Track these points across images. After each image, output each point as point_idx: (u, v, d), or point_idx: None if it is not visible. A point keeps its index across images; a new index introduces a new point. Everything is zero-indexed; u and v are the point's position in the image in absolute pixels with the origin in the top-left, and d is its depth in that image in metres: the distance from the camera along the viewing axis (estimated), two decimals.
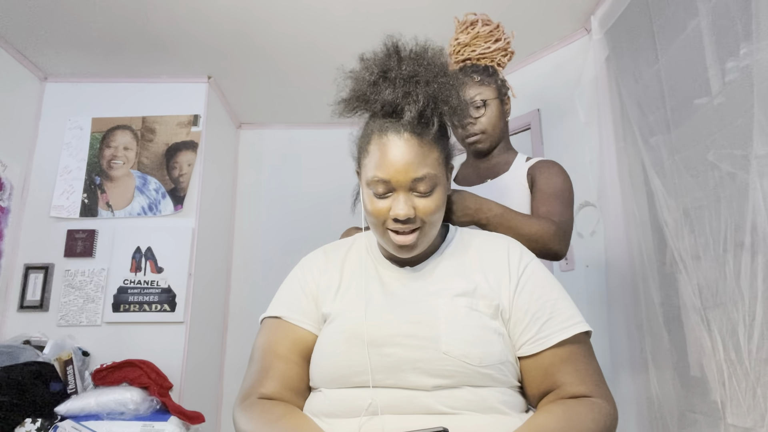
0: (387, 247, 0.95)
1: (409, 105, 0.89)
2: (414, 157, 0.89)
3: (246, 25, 2.53)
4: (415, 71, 0.91)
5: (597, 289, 2.30)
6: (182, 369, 2.55)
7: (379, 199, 0.92)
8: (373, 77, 0.92)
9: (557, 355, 0.88)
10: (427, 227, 0.92)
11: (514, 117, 2.85)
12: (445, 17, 2.52)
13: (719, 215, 1.49)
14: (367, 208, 0.94)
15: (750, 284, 1.34)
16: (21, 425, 1.94)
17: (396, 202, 0.90)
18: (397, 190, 0.90)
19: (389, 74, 0.91)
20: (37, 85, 2.85)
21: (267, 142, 3.52)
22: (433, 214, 0.92)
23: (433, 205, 0.91)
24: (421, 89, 0.89)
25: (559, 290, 0.95)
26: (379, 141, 0.91)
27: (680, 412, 1.69)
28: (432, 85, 0.90)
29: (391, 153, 0.89)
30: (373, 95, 0.92)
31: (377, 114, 0.94)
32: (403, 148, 0.89)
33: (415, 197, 0.91)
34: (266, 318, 1.00)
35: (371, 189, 0.92)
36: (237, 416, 0.88)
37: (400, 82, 0.90)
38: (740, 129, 1.39)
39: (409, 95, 0.89)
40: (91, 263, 2.65)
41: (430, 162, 0.90)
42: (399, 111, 0.90)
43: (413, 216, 0.90)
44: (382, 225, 0.92)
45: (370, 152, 0.93)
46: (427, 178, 0.90)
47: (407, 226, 0.90)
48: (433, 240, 0.98)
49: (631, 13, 2.09)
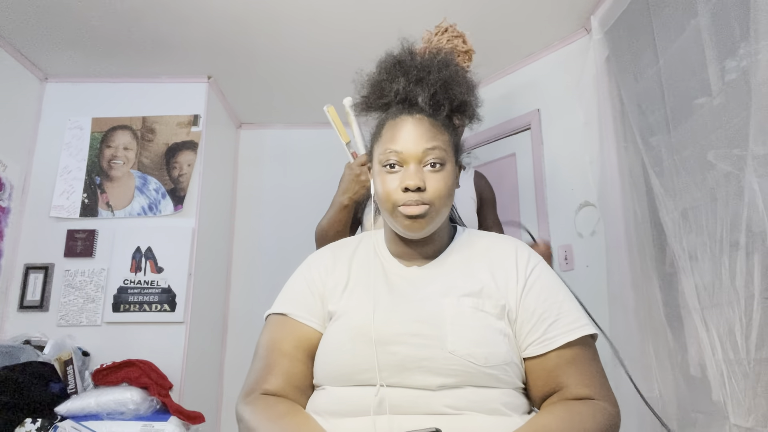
0: (397, 225, 0.95)
1: (422, 88, 0.96)
2: (426, 131, 0.94)
3: (246, 25, 2.53)
4: (429, 62, 0.98)
5: (597, 288, 2.30)
6: (182, 369, 2.55)
7: (390, 174, 0.94)
8: (388, 69, 1.00)
9: (562, 357, 0.88)
10: (436, 204, 0.93)
11: (514, 117, 2.86)
12: (444, 17, 2.52)
13: (716, 215, 1.50)
14: (378, 189, 0.97)
15: (746, 284, 1.34)
16: (21, 425, 1.94)
17: (406, 173, 0.93)
18: (408, 162, 0.93)
19: (403, 65, 0.99)
20: (37, 85, 2.85)
21: (267, 142, 3.52)
22: (443, 193, 0.93)
23: (443, 183, 0.93)
24: (434, 75, 0.96)
25: (565, 292, 0.95)
26: (391, 123, 0.97)
27: (683, 411, 1.69)
28: (443, 72, 0.97)
29: (404, 128, 0.95)
30: (388, 84, 0.99)
31: (391, 104, 0.99)
32: (415, 124, 0.95)
33: (426, 171, 0.93)
34: (271, 314, 1.00)
35: (383, 164, 0.95)
36: (240, 411, 0.88)
37: (414, 71, 0.97)
38: (738, 129, 1.39)
39: (422, 80, 0.96)
40: (91, 263, 2.65)
41: (441, 139, 0.95)
42: (412, 98, 0.97)
43: (423, 186, 0.91)
44: (392, 203, 0.93)
45: (382, 135, 0.98)
46: (437, 149, 0.93)
47: (418, 196, 0.91)
48: (441, 228, 0.99)
49: (631, 13, 2.09)
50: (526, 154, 2.81)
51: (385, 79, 0.99)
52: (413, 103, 0.97)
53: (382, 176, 0.95)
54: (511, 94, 2.90)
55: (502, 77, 2.95)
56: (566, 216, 2.54)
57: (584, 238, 2.45)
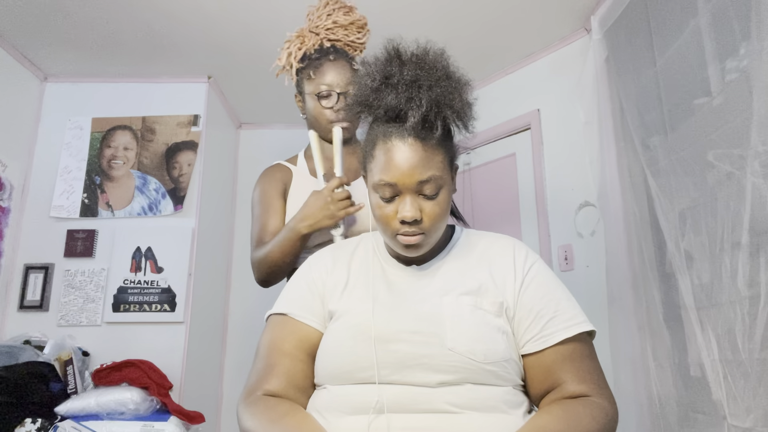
0: (395, 248, 0.96)
1: (413, 110, 0.88)
2: (419, 160, 0.89)
3: (246, 25, 2.53)
4: (417, 75, 0.90)
5: (597, 289, 2.30)
6: (182, 369, 2.55)
7: (386, 203, 0.93)
8: (376, 83, 0.93)
9: (560, 353, 0.89)
10: (432, 231, 0.93)
11: (514, 117, 2.86)
12: (445, 17, 2.52)
13: (716, 215, 1.49)
14: (375, 213, 0.96)
15: (749, 284, 1.34)
16: (21, 425, 1.93)
17: (402, 204, 0.91)
18: (403, 192, 0.91)
19: (391, 80, 0.91)
20: (37, 85, 2.85)
21: (267, 142, 3.52)
22: (439, 219, 0.93)
23: (439, 209, 0.92)
24: (423, 93, 0.89)
25: (563, 290, 0.96)
26: (383, 146, 0.92)
27: (682, 411, 1.70)
28: (435, 90, 0.90)
29: (396, 157, 0.90)
30: (376, 101, 0.92)
31: (381, 118, 0.94)
32: (407, 152, 0.89)
33: (421, 200, 0.92)
34: (272, 315, 1.01)
35: (378, 193, 0.93)
36: (240, 412, 0.89)
37: (403, 87, 0.90)
38: (738, 128, 1.39)
39: (412, 100, 0.89)
40: (91, 263, 2.65)
41: (435, 164, 0.91)
42: (402, 116, 0.90)
43: (420, 218, 0.91)
44: (390, 228, 0.93)
45: (375, 157, 0.94)
46: (432, 180, 0.90)
47: (414, 227, 0.91)
48: (438, 240, 0.99)
49: (630, 13, 2.09)
50: (526, 154, 2.81)
51: (373, 93, 0.93)
52: (404, 120, 0.90)
53: (378, 202, 0.94)
54: (511, 94, 2.90)
55: (502, 77, 2.95)
56: (566, 216, 2.54)
57: (584, 238, 2.45)
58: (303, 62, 1.48)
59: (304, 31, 1.52)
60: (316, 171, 1.45)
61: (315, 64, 1.45)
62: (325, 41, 1.49)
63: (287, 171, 1.51)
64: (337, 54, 1.47)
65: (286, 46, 1.52)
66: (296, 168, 1.52)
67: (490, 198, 2.95)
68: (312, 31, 1.50)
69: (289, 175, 1.50)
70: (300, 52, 1.49)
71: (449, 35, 2.64)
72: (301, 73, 1.49)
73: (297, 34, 1.52)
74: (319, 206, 1.29)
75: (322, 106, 1.44)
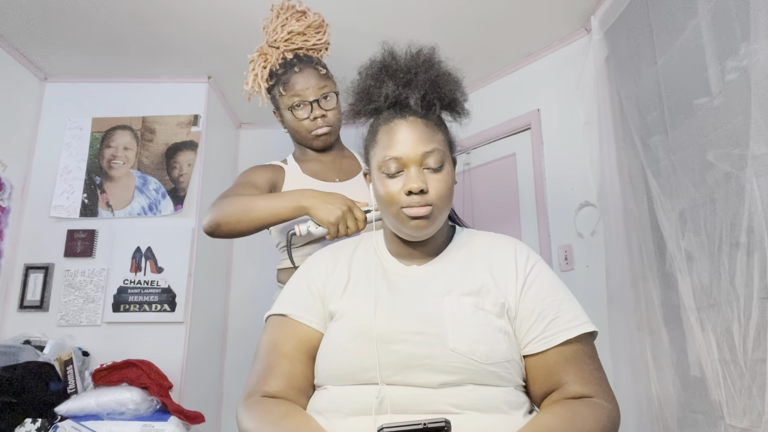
0: (402, 227, 0.96)
1: (412, 91, 0.95)
2: (421, 134, 0.94)
3: (246, 25, 2.53)
4: (414, 63, 0.98)
5: (597, 289, 2.30)
6: (182, 369, 2.55)
7: (391, 179, 0.94)
8: (374, 71, 0.99)
9: (562, 354, 0.89)
10: (439, 205, 0.94)
11: (514, 117, 2.86)
12: (445, 17, 2.52)
13: (715, 215, 1.50)
14: (380, 193, 0.97)
15: (746, 284, 1.34)
16: (21, 425, 1.94)
17: (408, 176, 0.93)
18: (408, 166, 0.93)
19: (389, 69, 0.98)
20: (37, 85, 2.85)
21: (267, 142, 3.51)
22: (444, 192, 0.95)
23: (444, 184, 0.95)
24: (421, 76, 0.96)
25: (564, 291, 0.96)
26: (386, 128, 0.97)
27: (681, 411, 1.70)
28: (431, 72, 0.96)
29: (400, 133, 0.95)
30: (377, 90, 0.98)
31: (382, 109, 0.99)
32: (410, 128, 0.95)
33: (426, 173, 0.94)
34: (272, 316, 1.01)
35: (383, 171, 0.95)
36: (240, 414, 0.89)
37: (401, 74, 0.97)
38: (738, 129, 1.39)
39: (411, 83, 0.96)
40: (91, 263, 2.65)
41: (436, 140, 0.95)
42: (403, 101, 0.96)
43: (426, 188, 0.92)
44: (396, 206, 0.94)
45: (378, 141, 0.98)
46: (436, 151, 0.94)
47: (421, 198, 0.92)
48: (442, 228, 1.00)
49: (630, 13, 2.09)
50: (526, 154, 2.81)
51: (372, 85, 0.99)
52: (404, 106, 0.97)
53: (383, 181, 0.96)
54: (511, 94, 2.90)
55: (502, 77, 2.95)
56: (566, 216, 2.54)
57: (584, 238, 2.45)
58: (271, 79, 1.49)
59: (264, 47, 1.52)
60: (309, 171, 1.48)
61: (282, 79, 1.46)
62: (286, 53, 1.49)
63: (279, 169, 1.52)
64: (302, 63, 1.47)
65: (251, 68, 1.53)
66: (288, 166, 1.54)
67: (490, 198, 2.95)
68: (272, 46, 1.51)
69: (281, 174, 1.51)
70: (265, 71, 1.50)
71: (449, 35, 2.64)
72: (272, 91, 1.50)
73: (258, 53, 1.52)
74: (333, 202, 1.20)
75: (298, 118, 1.45)
